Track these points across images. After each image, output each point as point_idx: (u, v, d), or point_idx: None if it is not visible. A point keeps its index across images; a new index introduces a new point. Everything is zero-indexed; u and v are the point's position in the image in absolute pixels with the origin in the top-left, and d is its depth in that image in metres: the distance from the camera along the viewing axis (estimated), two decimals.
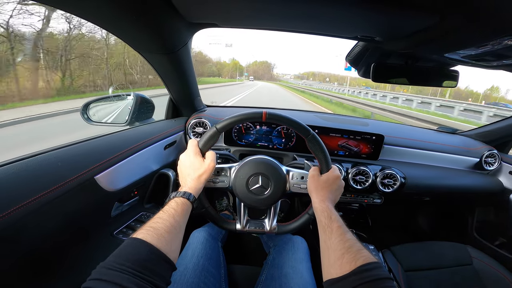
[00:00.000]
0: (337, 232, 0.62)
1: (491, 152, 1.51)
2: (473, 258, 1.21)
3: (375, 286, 0.48)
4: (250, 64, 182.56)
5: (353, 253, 0.55)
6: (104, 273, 0.43)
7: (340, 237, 0.61)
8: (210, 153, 0.79)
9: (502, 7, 0.51)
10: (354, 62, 1.14)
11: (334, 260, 0.57)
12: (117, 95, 1.32)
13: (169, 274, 0.52)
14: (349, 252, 0.55)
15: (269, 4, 0.65)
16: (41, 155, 0.70)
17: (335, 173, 0.80)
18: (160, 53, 0.98)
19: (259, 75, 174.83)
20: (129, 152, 0.93)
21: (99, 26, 0.75)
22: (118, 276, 0.42)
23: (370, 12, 0.65)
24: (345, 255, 0.55)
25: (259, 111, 0.78)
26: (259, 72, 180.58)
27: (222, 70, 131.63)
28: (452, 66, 1.04)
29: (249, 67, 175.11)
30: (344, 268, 0.52)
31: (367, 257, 0.53)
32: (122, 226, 0.95)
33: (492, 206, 1.67)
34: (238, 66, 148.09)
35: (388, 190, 1.29)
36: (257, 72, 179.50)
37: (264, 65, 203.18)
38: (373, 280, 0.48)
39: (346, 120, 1.55)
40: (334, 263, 0.56)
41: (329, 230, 0.64)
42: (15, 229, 0.57)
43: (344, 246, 0.58)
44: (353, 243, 0.58)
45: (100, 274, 0.43)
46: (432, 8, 0.58)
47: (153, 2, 0.64)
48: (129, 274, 0.43)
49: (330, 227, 0.65)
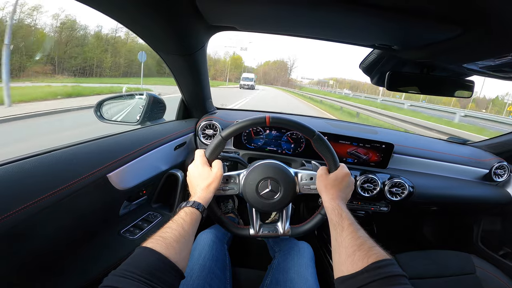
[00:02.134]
0: (348, 229, 0.62)
1: (501, 163, 1.50)
2: (477, 267, 1.21)
3: (388, 283, 0.47)
4: (261, 65, 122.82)
5: (365, 250, 0.54)
6: (115, 281, 0.45)
7: (351, 235, 0.60)
8: (217, 162, 0.79)
9: None
10: (368, 70, 1.14)
11: (346, 257, 0.56)
12: (130, 94, 1.32)
13: (177, 281, 0.53)
14: (360, 249, 0.55)
15: (291, 12, 0.65)
16: (57, 151, 0.71)
17: (344, 171, 0.80)
18: (177, 54, 0.98)
19: (271, 78, 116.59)
20: (140, 152, 0.93)
21: (122, 24, 0.76)
22: (129, 284, 0.44)
23: (390, 21, 0.65)
24: (356, 252, 0.55)
25: (263, 116, 0.79)
26: (270, 75, 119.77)
27: (215, 68, 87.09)
28: (468, 76, 1.03)
29: (259, 67, 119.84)
30: (356, 265, 0.52)
31: (379, 254, 0.53)
32: (129, 225, 0.95)
33: (499, 216, 1.66)
34: (240, 64, 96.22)
35: (395, 198, 1.29)
36: (268, 74, 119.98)
37: (279, 66, 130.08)
38: (386, 277, 0.48)
39: (356, 128, 1.55)
40: (346, 260, 0.55)
41: (340, 228, 0.64)
42: (27, 225, 0.57)
43: (356, 243, 0.57)
44: (364, 240, 0.58)
45: (111, 281, 0.45)
46: (456, 20, 0.57)
47: (178, 3, 0.64)
48: (139, 281, 0.45)
49: (341, 224, 0.64)
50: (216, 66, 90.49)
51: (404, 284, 0.47)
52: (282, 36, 1.02)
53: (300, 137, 1.33)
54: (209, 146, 0.80)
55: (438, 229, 2.00)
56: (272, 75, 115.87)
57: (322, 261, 1.40)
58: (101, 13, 0.68)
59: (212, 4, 0.66)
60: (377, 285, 0.47)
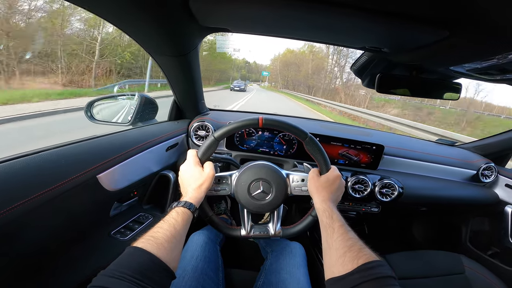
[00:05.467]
0: (339, 231, 0.63)
1: (488, 165, 1.53)
2: (466, 267, 1.23)
3: (378, 284, 0.48)
4: (277, 56, 66.56)
5: (355, 252, 0.55)
6: (105, 281, 0.44)
7: (342, 236, 0.61)
8: (209, 162, 0.80)
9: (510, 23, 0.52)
10: (359, 72, 1.15)
11: (336, 259, 0.57)
12: (121, 94, 1.32)
13: (168, 282, 0.53)
14: (351, 251, 0.56)
15: (282, 14, 0.66)
16: (45, 152, 0.70)
17: (335, 173, 0.81)
18: (170, 55, 0.98)
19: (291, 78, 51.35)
20: (131, 153, 0.93)
21: (115, 26, 0.76)
22: (119, 284, 0.44)
23: (379, 25, 0.66)
24: (347, 253, 0.56)
25: (255, 118, 0.79)
26: (288, 74, 53.14)
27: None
28: (456, 79, 1.06)
29: (276, 60, 66.00)
30: (346, 267, 0.53)
31: (369, 256, 0.54)
32: (120, 226, 0.95)
33: (487, 217, 1.70)
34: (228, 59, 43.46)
35: (385, 199, 1.30)
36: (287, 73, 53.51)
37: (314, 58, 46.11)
38: (376, 278, 0.49)
39: (348, 130, 1.56)
40: (336, 262, 0.56)
41: (331, 230, 0.65)
42: (15, 225, 0.57)
43: (346, 245, 0.58)
44: (355, 241, 0.59)
45: (101, 281, 0.44)
46: (442, 24, 0.59)
47: (171, 5, 0.65)
48: (129, 281, 0.44)
49: (332, 226, 0.65)
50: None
51: (393, 285, 0.48)
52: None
53: (292, 138, 1.33)
54: (201, 146, 0.80)
55: (428, 230, 2.03)
56: (292, 74, 52.86)
57: (314, 261, 1.41)
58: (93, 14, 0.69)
59: (205, 6, 0.66)
60: (366, 286, 0.48)
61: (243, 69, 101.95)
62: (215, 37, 18.03)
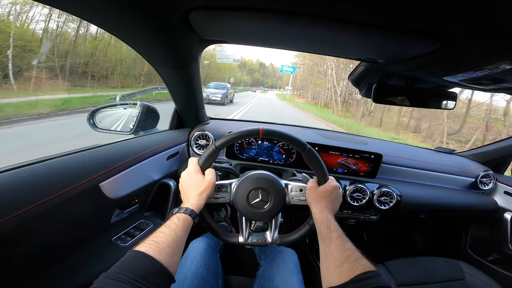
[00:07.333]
0: (336, 242, 0.64)
1: (487, 172, 1.54)
2: (466, 273, 1.23)
3: None
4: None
5: (352, 262, 0.56)
6: (107, 283, 0.45)
7: (339, 247, 0.62)
8: (210, 170, 0.81)
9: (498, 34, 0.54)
10: (357, 82, 1.17)
11: (333, 269, 0.58)
12: (124, 103, 1.34)
13: (168, 286, 0.54)
14: (348, 261, 0.57)
15: (278, 27, 0.68)
16: (52, 160, 0.72)
17: (333, 184, 0.82)
18: (171, 67, 1.01)
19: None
20: (133, 161, 0.95)
21: (119, 39, 0.78)
22: (120, 287, 0.44)
23: (372, 37, 0.68)
24: (344, 264, 0.57)
25: (256, 128, 0.81)
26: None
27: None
28: (451, 88, 1.07)
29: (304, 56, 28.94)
30: (343, 277, 0.54)
31: (366, 266, 0.55)
32: (120, 232, 0.96)
33: (486, 223, 1.69)
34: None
35: (384, 207, 1.31)
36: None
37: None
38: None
39: (346, 138, 1.57)
40: (333, 272, 0.57)
41: (329, 240, 0.66)
42: (20, 231, 0.59)
43: (344, 255, 0.59)
44: (352, 252, 0.60)
45: (102, 284, 0.45)
46: (432, 36, 0.61)
47: (172, 20, 0.67)
48: (131, 284, 0.45)
49: (330, 236, 0.66)
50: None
51: None
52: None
53: (291, 148, 1.35)
54: (202, 155, 0.82)
55: (427, 237, 2.03)
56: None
57: (312, 267, 1.41)
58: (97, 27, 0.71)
59: (204, 20, 0.69)
60: None
61: (255, 72, 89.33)
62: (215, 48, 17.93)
